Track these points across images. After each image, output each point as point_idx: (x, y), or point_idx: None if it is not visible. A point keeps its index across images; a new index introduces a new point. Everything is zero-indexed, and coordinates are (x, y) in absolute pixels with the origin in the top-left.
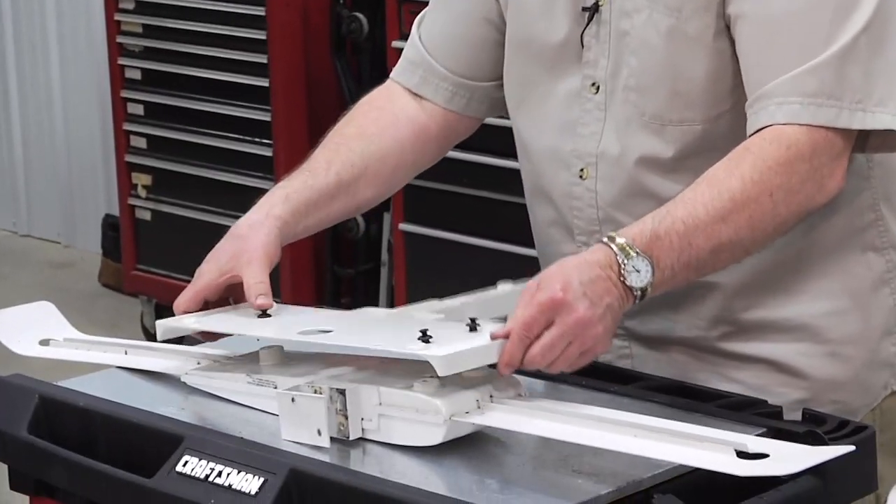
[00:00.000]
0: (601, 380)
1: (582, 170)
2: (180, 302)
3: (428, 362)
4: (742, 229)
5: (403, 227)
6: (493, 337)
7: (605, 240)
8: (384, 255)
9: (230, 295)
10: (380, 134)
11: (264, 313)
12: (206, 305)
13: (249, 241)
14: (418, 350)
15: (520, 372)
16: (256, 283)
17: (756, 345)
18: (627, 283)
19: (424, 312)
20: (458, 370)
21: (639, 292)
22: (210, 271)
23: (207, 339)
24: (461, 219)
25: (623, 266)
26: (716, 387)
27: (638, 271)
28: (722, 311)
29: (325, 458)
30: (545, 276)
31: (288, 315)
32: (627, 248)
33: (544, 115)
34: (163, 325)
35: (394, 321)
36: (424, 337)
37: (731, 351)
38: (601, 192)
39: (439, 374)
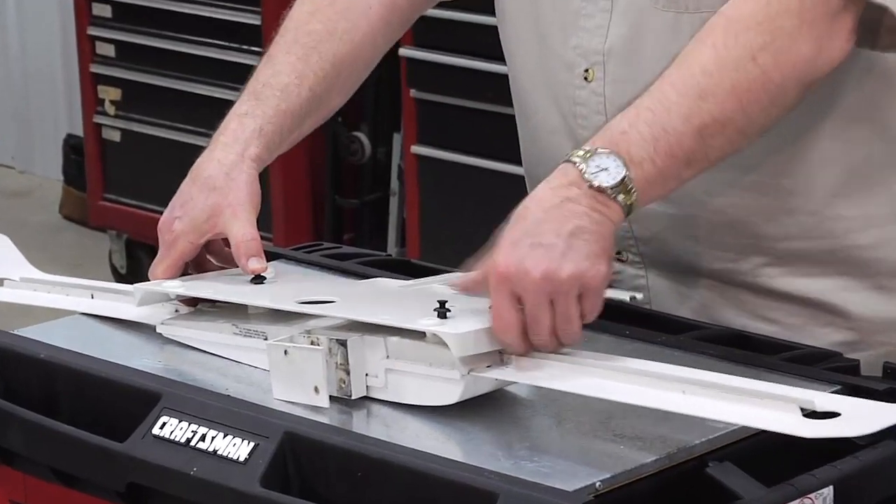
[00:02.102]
0: (647, 328)
1: (587, 70)
2: (157, 272)
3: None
4: (727, 103)
5: (416, 149)
6: (457, 285)
7: (563, 158)
8: (394, 183)
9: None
10: (351, 30)
11: (258, 278)
12: (185, 267)
13: (231, 194)
14: (432, 326)
15: None
16: (246, 241)
17: (791, 279)
18: (597, 186)
19: (444, 286)
20: (477, 351)
21: (620, 195)
22: (186, 233)
23: (187, 304)
24: (484, 140)
25: (584, 171)
26: (745, 326)
27: (605, 169)
28: (752, 240)
29: (325, 419)
30: (494, 247)
31: (286, 282)
32: (586, 151)
33: (540, 4)
34: (141, 291)
35: (408, 293)
36: (441, 310)
37: (762, 286)
38: (610, 97)
39: (455, 355)
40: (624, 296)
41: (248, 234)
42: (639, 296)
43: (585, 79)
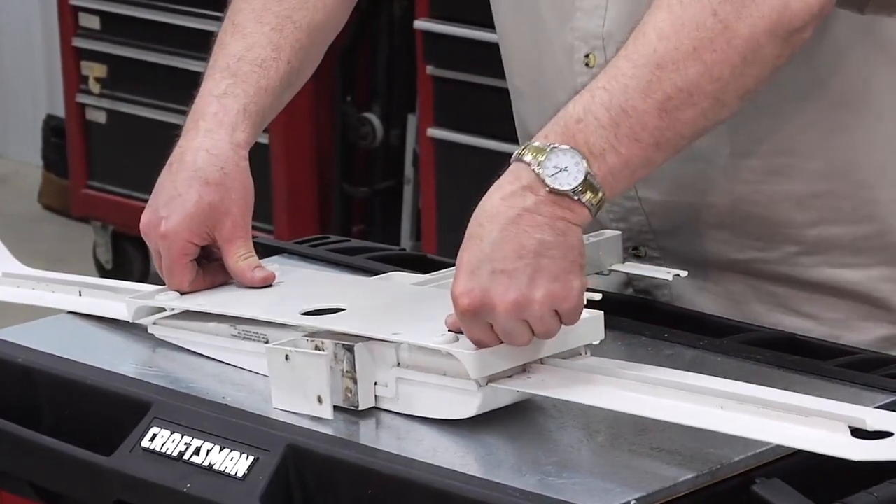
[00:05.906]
0: (687, 330)
1: (587, 56)
2: (182, 281)
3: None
4: (691, 70)
5: (433, 132)
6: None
7: (513, 157)
8: (408, 170)
9: None
10: None
11: None
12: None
13: (229, 193)
14: (446, 344)
15: None
16: (247, 259)
17: (827, 270)
18: (561, 190)
19: None
20: (496, 370)
21: (584, 195)
22: (181, 231)
23: None
24: (508, 122)
25: (540, 172)
26: (778, 323)
27: (564, 169)
28: (782, 228)
29: (331, 431)
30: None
31: (289, 284)
32: (538, 148)
33: None
34: (134, 306)
35: (424, 296)
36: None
37: (795, 277)
38: None
39: (471, 376)
40: (666, 275)
41: (247, 253)
42: (683, 273)
43: (587, 65)
